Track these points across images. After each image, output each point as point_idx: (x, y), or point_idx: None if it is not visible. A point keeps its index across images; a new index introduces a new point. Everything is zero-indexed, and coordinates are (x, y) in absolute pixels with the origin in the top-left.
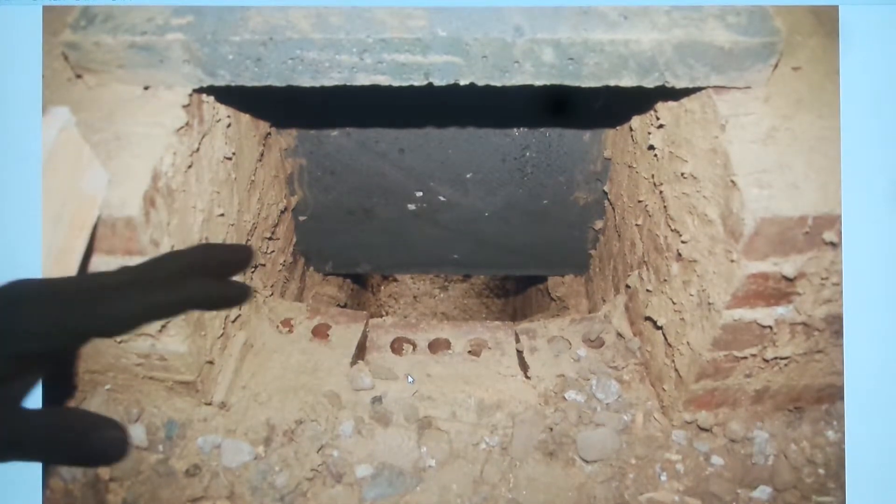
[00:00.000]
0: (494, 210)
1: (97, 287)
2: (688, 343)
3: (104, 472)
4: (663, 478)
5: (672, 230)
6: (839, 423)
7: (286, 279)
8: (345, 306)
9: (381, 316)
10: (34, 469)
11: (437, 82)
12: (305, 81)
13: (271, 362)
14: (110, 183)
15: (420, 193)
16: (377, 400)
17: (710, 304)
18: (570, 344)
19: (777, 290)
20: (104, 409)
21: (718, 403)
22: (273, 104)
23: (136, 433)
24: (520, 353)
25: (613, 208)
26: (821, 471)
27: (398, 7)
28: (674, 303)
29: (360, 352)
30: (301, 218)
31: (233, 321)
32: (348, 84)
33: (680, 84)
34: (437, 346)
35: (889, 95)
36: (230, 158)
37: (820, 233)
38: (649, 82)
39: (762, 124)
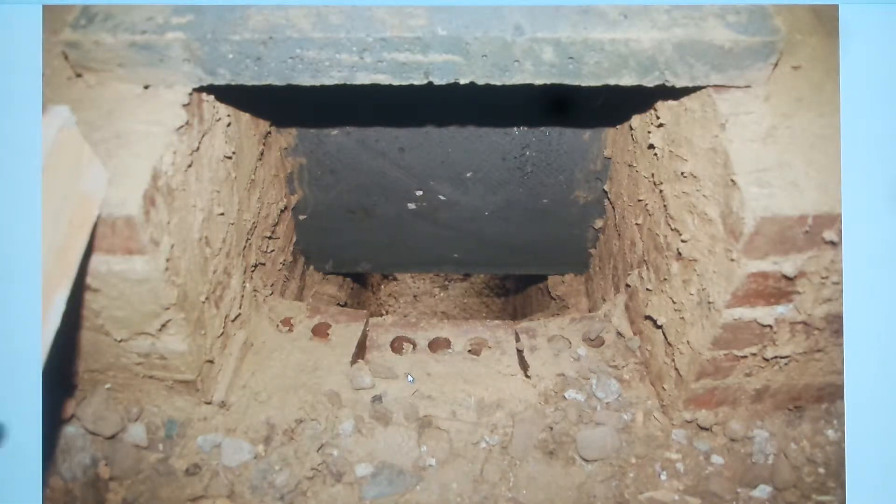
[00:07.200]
0: (494, 209)
1: None
2: (688, 342)
3: (104, 471)
4: (663, 477)
5: (672, 229)
6: (839, 422)
7: (286, 278)
8: (345, 305)
9: (381, 315)
10: (34, 469)
11: (437, 81)
12: (305, 80)
13: (271, 361)
14: (110, 182)
15: (420, 192)
16: (377, 399)
17: (710, 303)
18: (570, 343)
19: (777, 289)
20: (104, 408)
21: (718, 402)
22: (273, 103)
23: (137, 432)
24: (520, 352)
25: (613, 207)
26: (821, 470)
27: (398, 6)
28: (674, 302)
29: (360, 351)
30: (301, 217)
31: (233, 320)
32: (348, 83)
33: (680, 83)
34: (437, 345)
35: (889, 94)
36: (230, 157)
37: (820, 232)
38: (649, 81)
39: (762, 123)
